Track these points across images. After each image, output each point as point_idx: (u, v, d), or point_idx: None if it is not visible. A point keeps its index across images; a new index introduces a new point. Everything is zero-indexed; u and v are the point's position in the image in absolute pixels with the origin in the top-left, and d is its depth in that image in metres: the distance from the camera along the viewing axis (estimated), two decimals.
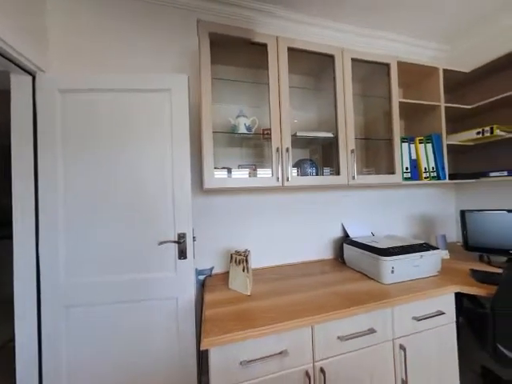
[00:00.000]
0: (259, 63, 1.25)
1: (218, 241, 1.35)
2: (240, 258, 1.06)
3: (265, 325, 0.78)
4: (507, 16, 1.50)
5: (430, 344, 1.02)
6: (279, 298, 0.99)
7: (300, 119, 1.49)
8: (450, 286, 1.04)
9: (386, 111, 1.39)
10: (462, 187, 1.85)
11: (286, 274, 1.27)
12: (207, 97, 1.03)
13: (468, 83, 1.68)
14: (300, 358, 0.84)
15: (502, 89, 1.43)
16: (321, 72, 1.43)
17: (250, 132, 1.20)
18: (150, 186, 1.07)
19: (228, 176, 1.13)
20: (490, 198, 1.67)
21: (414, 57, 1.77)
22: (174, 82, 1.09)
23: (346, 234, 1.53)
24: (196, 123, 1.30)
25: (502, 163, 1.53)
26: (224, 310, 0.90)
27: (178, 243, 1.07)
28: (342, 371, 0.89)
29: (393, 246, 1.15)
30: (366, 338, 0.91)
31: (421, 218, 1.81)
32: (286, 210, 1.48)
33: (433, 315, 1.01)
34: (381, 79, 1.40)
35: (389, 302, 0.93)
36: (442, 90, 1.47)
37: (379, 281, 1.10)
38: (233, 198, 1.38)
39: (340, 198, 1.60)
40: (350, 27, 1.60)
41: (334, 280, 1.16)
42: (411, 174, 1.42)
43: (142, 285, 1.05)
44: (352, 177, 1.23)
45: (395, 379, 0.96)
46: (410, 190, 1.79)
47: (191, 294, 1.09)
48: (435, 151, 1.45)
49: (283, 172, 1.11)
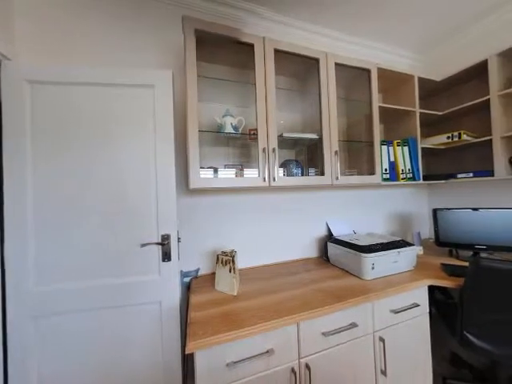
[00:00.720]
0: (246, 63, 1.25)
1: (204, 242, 1.33)
2: (226, 258, 1.05)
3: (252, 325, 0.78)
4: (475, 30, 1.64)
5: (406, 334, 1.09)
6: (266, 297, 0.99)
7: (286, 120, 1.51)
8: (423, 279, 1.12)
9: (367, 115, 1.45)
10: (435, 187, 2.00)
11: (272, 274, 1.29)
12: (193, 94, 1.01)
13: (440, 91, 1.81)
14: (286, 356, 0.85)
15: (468, 97, 1.57)
16: (306, 74, 1.46)
17: (237, 132, 1.20)
18: (132, 185, 1.02)
19: (214, 176, 1.12)
20: (458, 197, 1.81)
21: (393, 64, 1.87)
22: (158, 78, 1.05)
23: (329, 233, 1.58)
24: (181, 121, 1.27)
25: (468, 165, 1.67)
26: (210, 311, 0.89)
27: (161, 245, 1.04)
28: (326, 366, 0.91)
29: (373, 244, 1.21)
30: (349, 333, 0.95)
31: (398, 216, 1.92)
32: (272, 209, 1.49)
33: (409, 307, 1.08)
34: (362, 84, 1.46)
35: (369, 297, 0.97)
36: (417, 97, 1.57)
37: (361, 277, 1.15)
38: (219, 198, 1.37)
39: (324, 198, 1.64)
40: (335, 33, 1.65)
41: (318, 278, 1.19)
42: (390, 175, 1.51)
43: (123, 289, 1.00)
44: (336, 177, 1.27)
45: (375, 370, 1.01)
46: (389, 190, 1.89)
47: (176, 297, 1.06)
48: (411, 154, 1.55)
49: (270, 172, 1.12)
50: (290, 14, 1.47)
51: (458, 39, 1.74)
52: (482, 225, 1.39)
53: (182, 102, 1.26)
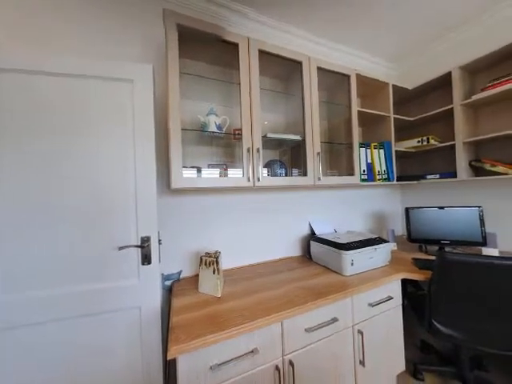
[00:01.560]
0: (230, 62, 1.24)
1: (186, 243, 1.29)
2: (210, 259, 1.04)
3: (236, 325, 0.78)
4: (442, 44, 1.80)
5: (381, 326, 1.16)
6: (250, 297, 1.00)
7: (270, 121, 1.52)
8: (397, 273, 1.20)
9: (347, 118, 1.52)
10: (407, 187, 2.15)
11: (256, 273, 1.29)
12: (175, 91, 0.98)
13: (412, 98, 1.95)
14: (270, 354, 0.86)
15: (436, 105, 1.71)
16: (289, 76, 1.49)
17: (221, 131, 1.18)
18: (108, 184, 0.96)
19: (198, 176, 1.09)
20: (427, 196, 1.97)
21: (371, 71, 1.98)
22: (138, 72, 1.00)
23: (312, 232, 1.63)
24: (163, 119, 1.22)
25: (436, 167, 1.82)
26: (193, 314, 0.87)
27: (141, 247, 0.99)
28: (309, 361, 0.94)
29: (352, 241, 1.27)
30: (330, 327, 0.99)
31: (375, 214, 2.04)
32: (256, 209, 1.50)
33: (384, 300, 1.15)
34: (343, 89, 1.53)
35: (349, 292, 1.02)
36: (391, 103, 1.67)
37: (341, 273, 1.20)
38: (202, 198, 1.34)
39: (307, 198, 1.69)
40: (318, 38, 1.70)
41: (301, 275, 1.22)
42: (367, 175, 1.59)
43: (99, 296, 0.94)
44: (318, 178, 1.31)
45: (354, 361, 1.06)
46: (366, 190, 2.00)
47: (157, 302, 1.02)
48: (386, 156, 1.65)
49: (254, 172, 1.12)
50: (275, 16, 1.49)
51: (427, 52, 1.90)
52: (447, 222, 1.52)
53: (163, 98, 1.22)
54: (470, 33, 1.63)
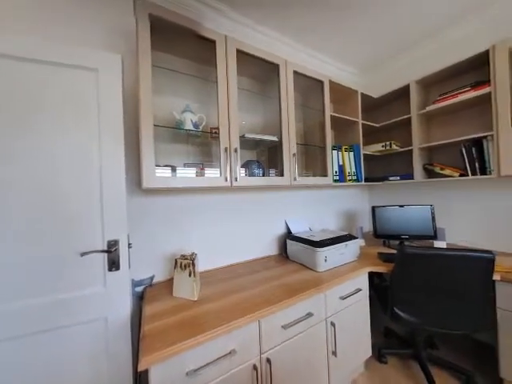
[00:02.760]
0: (207, 59, 1.22)
1: (159, 246, 1.23)
2: (186, 262, 1.00)
3: (213, 328, 0.76)
4: (402, 58, 1.99)
5: (351, 317, 1.24)
6: (228, 298, 0.99)
7: (248, 121, 1.53)
8: (365, 267, 1.30)
9: (321, 122, 1.60)
10: (373, 188, 2.34)
11: (234, 274, 1.28)
12: (146, 84, 0.92)
13: (377, 106, 2.13)
14: (248, 354, 0.86)
15: (397, 113, 1.89)
16: (267, 78, 1.51)
17: (198, 129, 1.15)
18: (68, 184, 0.86)
19: (172, 175, 1.04)
20: (390, 196, 2.18)
21: (342, 79, 2.11)
22: (104, 61, 0.92)
23: (289, 231, 1.68)
24: (133, 114, 1.14)
25: (397, 170, 2.02)
26: (167, 321, 0.83)
27: (107, 252, 0.91)
28: (285, 357, 0.97)
29: (325, 239, 1.34)
30: (305, 322, 1.03)
31: (346, 213, 2.18)
32: (233, 209, 1.49)
33: (353, 293, 1.24)
34: (317, 93, 1.60)
35: (323, 288, 1.07)
36: (360, 109, 1.81)
37: (315, 269, 1.26)
38: (177, 199, 1.28)
39: (284, 198, 1.73)
40: (294, 43, 1.76)
41: (278, 274, 1.25)
42: (339, 176, 1.69)
43: (59, 308, 0.84)
44: (294, 178, 1.36)
45: (327, 352, 1.12)
46: (338, 190, 2.13)
47: (126, 310, 0.95)
48: (355, 158, 1.77)
49: (232, 172, 1.12)
50: (253, 18, 1.50)
51: (391, 64, 2.09)
52: (406, 219, 1.70)
53: (135, 92, 1.13)
54: (425, 50, 1.85)
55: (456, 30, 1.65)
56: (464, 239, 1.68)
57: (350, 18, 1.52)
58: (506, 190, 1.48)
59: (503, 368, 1.15)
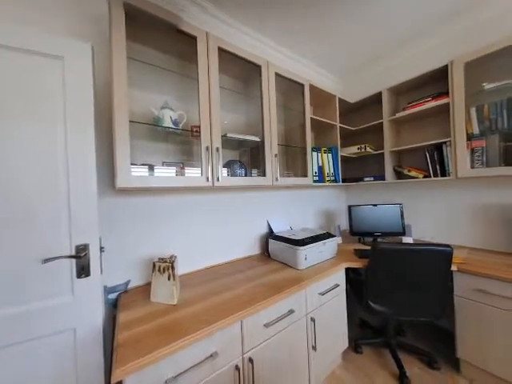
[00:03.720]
0: (188, 55, 1.18)
1: (136, 249, 1.16)
2: (165, 265, 0.96)
3: (194, 331, 0.75)
4: (376, 66, 2.13)
5: (329, 311, 1.30)
6: (210, 299, 0.97)
7: (230, 121, 1.51)
8: (342, 263, 1.37)
9: (301, 124, 1.65)
10: (350, 188, 2.48)
11: (217, 275, 1.27)
12: (121, 77, 0.87)
13: (353, 110, 2.26)
14: (230, 355, 0.85)
15: (371, 118, 2.02)
16: (249, 78, 1.51)
17: (177, 127, 1.11)
18: (28, 182, 0.78)
19: (150, 174, 0.99)
20: (365, 195, 2.32)
21: (321, 83, 2.19)
22: (70, 49, 0.84)
23: (270, 230, 1.70)
24: (107, 108, 1.06)
25: (371, 171, 2.15)
26: (144, 327, 0.79)
27: (76, 258, 0.84)
28: (267, 355, 0.98)
29: (306, 237, 1.38)
30: (287, 319, 1.05)
31: (325, 212, 2.27)
32: (215, 210, 1.47)
33: (332, 288, 1.29)
34: (298, 96, 1.64)
35: (303, 285, 1.11)
36: (337, 113, 1.89)
37: (296, 268, 1.30)
38: (155, 199, 1.23)
39: (266, 198, 1.75)
40: (276, 45, 1.78)
41: (260, 273, 1.26)
42: (318, 177, 1.76)
43: (19, 322, 0.75)
44: (276, 178, 1.38)
45: (307, 347, 1.16)
46: (318, 190, 2.21)
47: (97, 320, 0.88)
48: (334, 160, 1.86)
49: (213, 172, 1.10)
50: (236, 17, 1.49)
51: (365, 72, 2.22)
52: (378, 217, 1.82)
53: (106, 83, 1.06)
54: (396, 60, 2.00)
55: (421, 43, 1.81)
56: (429, 235, 1.86)
57: (327, 26, 1.59)
58: (462, 191, 1.67)
59: (459, 349, 1.30)
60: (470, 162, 1.42)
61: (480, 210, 1.58)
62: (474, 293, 1.22)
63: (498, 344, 1.16)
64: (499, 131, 1.34)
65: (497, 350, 1.16)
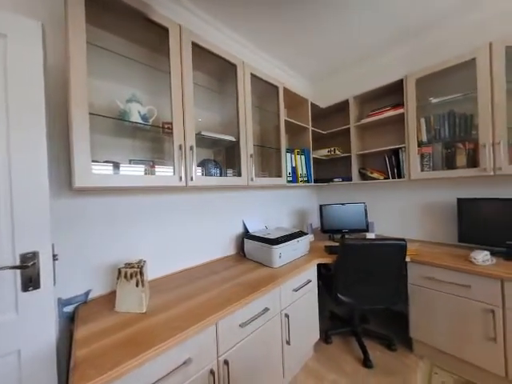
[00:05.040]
0: (160, 47, 1.12)
1: (98, 254, 1.05)
2: (132, 271, 0.89)
3: (164, 340, 0.71)
4: (344, 75, 2.30)
5: (303, 306, 1.36)
6: (183, 304, 0.93)
7: (204, 119, 1.48)
8: (314, 260, 1.44)
9: (276, 125, 1.68)
10: (321, 188, 2.62)
11: (191, 277, 1.22)
12: (79, 64, 0.78)
13: (324, 115, 2.39)
14: (204, 360, 0.83)
15: (339, 123, 2.17)
16: (225, 77, 1.49)
17: (147, 123, 1.04)
18: None
19: (115, 173, 0.91)
20: (334, 195, 2.48)
21: (295, 87, 2.27)
22: (16, 26, 0.73)
23: (246, 230, 1.70)
24: (62, 97, 0.94)
25: (340, 173, 2.31)
26: (108, 341, 0.72)
27: (21, 268, 0.72)
28: (243, 354, 0.98)
29: (280, 236, 1.41)
30: (262, 317, 1.06)
31: (298, 211, 2.36)
32: (188, 210, 1.41)
33: (304, 284, 1.35)
34: (272, 98, 1.68)
35: (278, 282, 1.13)
36: (309, 117, 1.99)
37: (271, 266, 1.32)
38: (122, 199, 1.13)
39: (241, 197, 1.75)
40: (252, 46, 1.79)
41: (236, 273, 1.26)
42: (292, 177, 1.82)
43: None
44: (251, 178, 1.39)
45: (282, 342, 1.19)
46: (291, 190, 2.29)
47: (48, 337, 0.77)
48: (306, 161, 1.94)
49: (187, 171, 1.06)
50: (212, 13, 1.45)
51: (335, 79, 2.37)
52: (346, 215, 1.97)
53: (62, 69, 0.94)
54: (361, 71, 2.18)
55: (384, 57, 2.00)
56: (388, 231, 2.07)
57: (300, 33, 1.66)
58: (414, 191, 1.89)
59: (412, 330, 1.47)
60: (420, 166, 1.63)
61: (428, 207, 1.82)
62: (424, 280, 1.39)
63: (441, 323, 1.34)
64: (442, 140, 1.56)
65: (440, 328, 1.35)
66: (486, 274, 1.17)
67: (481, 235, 1.45)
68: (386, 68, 2.01)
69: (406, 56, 1.89)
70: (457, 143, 1.50)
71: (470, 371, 1.28)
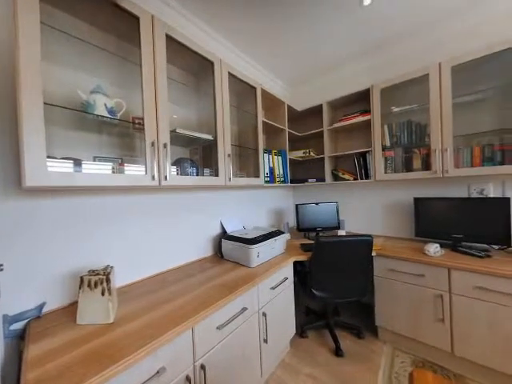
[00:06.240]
0: (130, 37, 1.04)
1: (56, 263, 0.94)
2: (97, 278, 0.81)
3: (134, 351, 0.66)
4: (318, 81, 2.41)
5: (279, 304, 1.39)
6: (157, 310, 0.88)
7: (180, 116, 1.42)
8: (290, 258, 1.48)
9: (254, 126, 1.69)
10: (297, 188, 2.71)
11: (166, 282, 1.16)
12: (30, 45, 0.68)
13: (300, 118, 2.48)
14: (180, 366, 0.80)
15: (314, 126, 2.27)
16: (202, 74, 1.45)
17: (114, 117, 0.96)
18: None
19: (76, 170, 0.82)
20: (309, 195, 2.58)
21: (272, 89, 2.32)
22: None
23: (223, 230, 1.68)
24: (8, 83, 0.82)
25: (314, 173, 2.42)
26: (66, 359, 0.64)
27: None
28: (221, 358, 0.96)
29: (258, 236, 1.43)
30: (240, 318, 1.06)
31: (275, 210, 2.41)
32: (163, 211, 1.34)
33: (281, 282, 1.38)
34: (251, 98, 1.68)
35: (256, 282, 1.14)
36: (286, 119, 2.04)
37: (249, 266, 1.33)
38: (85, 200, 1.03)
39: (219, 198, 1.72)
40: (230, 45, 1.77)
41: (213, 275, 1.23)
42: (269, 178, 1.85)
43: None
44: (229, 178, 1.37)
45: (259, 341, 1.20)
46: (269, 190, 2.32)
47: None
48: (283, 162, 1.99)
49: (160, 170, 1.00)
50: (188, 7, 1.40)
51: (310, 84, 2.48)
52: (319, 214, 2.07)
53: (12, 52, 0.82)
54: (332, 78, 2.31)
55: (354, 66, 2.15)
56: (357, 228, 2.23)
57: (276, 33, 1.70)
58: (379, 191, 2.07)
59: (377, 318, 1.61)
60: (384, 168, 1.79)
61: (390, 205, 2.01)
62: (387, 272, 1.53)
63: (401, 310, 1.49)
64: (402, 145, 1.73)
65: (400, 314, 1.50)
66: (436, 264, 1.34)
67: (432, 230, 1.65)
68: (355, 77, 2.17)
69: (372, 67, 2.06)
70: (414, 148, 1.69)
71: (424, 350, 1.45)
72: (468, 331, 1.26)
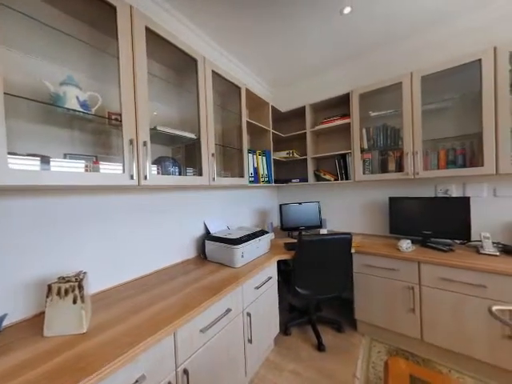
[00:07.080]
0: (106, 27, 0.98)
1: (19, 270, 0.85)
2: (68, 285, 0.75)
3: (109, 362, 0.62)
4: (301, 83, 2.46)
5: (264, 303, 1.40)
6: (136, 316, 0.84)
7: (161, 113, 1.36)
8: (274, 257, 1.50)
9: (238, 126, 1.69)
10: (281, 188, 2.75)
11: (146, 286, 1.11)
12: None
13: (284, 119, 2.52)
14: (161, 373, 0.77)
15: (297, 128, 2.32)
16: (184, 70, 1.41)
17: (88, 111, 0.89)
18: None
19: (43, 168, 0.75)
20: (292, 195, 2.63)
21: (256, 90, 2.33)
22: None
23: (207, 231, 1.65)
24: None
25: (298, 174, 2.47)
26: (29, 376, 0.58)
27: None
28: (204, 361, 0.94)
29: (242, 236, 1.42)
30: (224, 319, 1.05)
31: (259, 210, 2.42)
32: (143, 212, 1.28)
33: (265, 281, 1.40)
34: (235, 98, 1.67)
35: (240, 282, 1.14)
36: (270, 120, 2.06)
37: (233, 266, 1.32)
38: (54, 201, 0.94)
39: (202, 198, 1.69)
40: (214, 43, 1.74)
41: (196, 277, 1.20)
42: (254, 178, 1.85)
43: None
44: (213, 178, 1.35)
45: (244, 341, 1.20)
46: (253, 190, 2.33)
47: None
48: (267, 162, 2.01)
49: (139, 169, 0.95)
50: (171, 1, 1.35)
51: (294, 87, 2.53)
52: (302, 213, 2.12)
53: None
54: (314, 82, 2.38)
55: (335, 71, 2.24)
56: (337, 226, 2.32)
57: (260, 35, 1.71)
58: (358, 191, 2.18)
59: (356, 312, 1.69)
60: (362, 169, 1.88)
61: (368, 205, 2.12)
62: (365, 267, 1.62)
63: (377, 303, 1.59)
64: (378, 148, 1.84)
65: (376, 307, 1.59)
66: (407, 259, 1.44)
67: (405, 227, 1.77)
68: (336, 81, 2.25)
69: (352, 72, 2.16)
70: (389, 151, 1.80)
71: (398, 339, 1.56)
72: (435, 319, 1.38)
